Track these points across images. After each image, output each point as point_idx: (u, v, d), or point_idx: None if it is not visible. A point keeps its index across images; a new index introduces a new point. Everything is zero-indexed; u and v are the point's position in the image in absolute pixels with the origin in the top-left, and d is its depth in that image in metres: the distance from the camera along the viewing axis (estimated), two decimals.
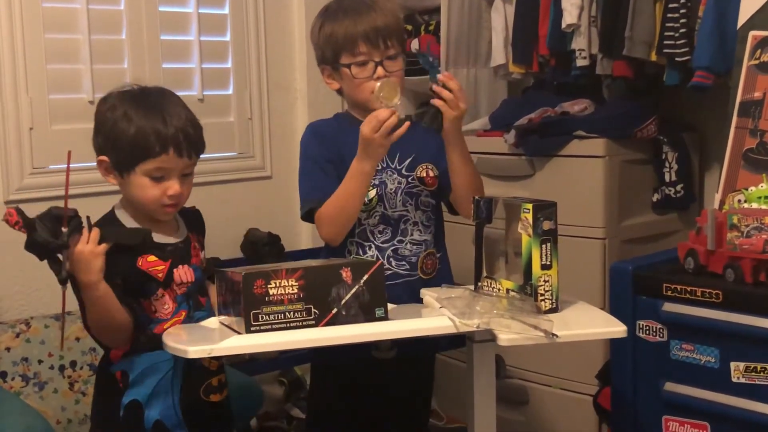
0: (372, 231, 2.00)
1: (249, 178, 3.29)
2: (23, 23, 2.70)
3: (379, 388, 2.06)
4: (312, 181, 2.01)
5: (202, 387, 1.85)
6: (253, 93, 3.30)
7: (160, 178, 1.81)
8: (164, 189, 1.81)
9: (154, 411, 1.82)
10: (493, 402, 1.82)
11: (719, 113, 2.38)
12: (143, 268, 1.81)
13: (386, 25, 1.97)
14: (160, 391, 1.82)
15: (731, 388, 1.97)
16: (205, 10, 3.16)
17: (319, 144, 2.03)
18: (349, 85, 2.00)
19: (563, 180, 2.70)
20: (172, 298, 1.85)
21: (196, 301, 1.89)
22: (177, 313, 1.85)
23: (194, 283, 1.88)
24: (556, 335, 1.60)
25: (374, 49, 1.96)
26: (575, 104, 2.79)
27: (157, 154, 1.78)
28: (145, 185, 1.80)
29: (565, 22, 2.69)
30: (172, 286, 1.85)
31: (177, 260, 1.86)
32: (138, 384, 1.83)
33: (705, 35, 2.41)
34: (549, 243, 1.74)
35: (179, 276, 1.86)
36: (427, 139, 2.04)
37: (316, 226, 2.00)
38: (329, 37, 1.99)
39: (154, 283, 1.83)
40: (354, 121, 2.04)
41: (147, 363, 1.82)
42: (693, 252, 2.08)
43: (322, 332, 1.60)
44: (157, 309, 1.83)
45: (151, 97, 1.86)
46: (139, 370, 1.82)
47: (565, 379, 2.75)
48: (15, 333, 2.58)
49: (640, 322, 2.13)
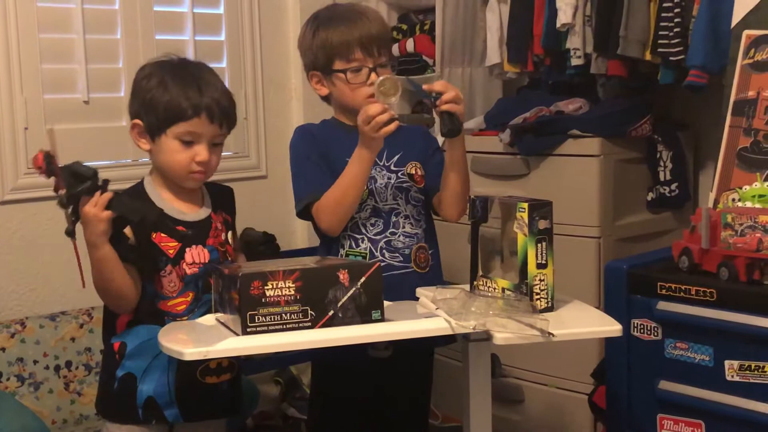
0: (364, 224, 2.02)
1: (244, 177, 3.28)
2: (18, 23, 2.69)
3: (379, 389, 2.06)
4: (306, 176, 2.02)
5: (199, 368, 1.84)
6: (249, 92, 3.30)
7: (189, 142, 1.83)
8: (193, 155, 1.83)
9: (148, 387, 1.83)
10: (488, 401, 1.83)
11: (713, 112, 2.38)
12: (156, 241, 1.82)
13: (379, 33, 2.01)
14: (155, 367, 1.82)
15: (725, 387, 1.98)
16: (199, 9, 3.16)
17: (309, 143, 2.05)
18: (343, 91, 2.02)
19: (558, 179, 2.71)
20: (179, 276, 1.84)
21: (207, 283, 1.86)
22: (183, 293, 1.84)
23: (207, 265, 1.87)
24: (552, 334, 1.61)
25: (368, 56, 1.99)
26: (570, 103, 2.80)
27: (189, 117, 1.81)
28: (175, 149, 1.82)
29: (560, 21, 2.70)
30: (182, 264, 1.84)
31: (191, 239, 1.86)
32: (135, 357, 1.83)
33: (699, 34, 2.42)
34: (544, 242, 1.74)
35: (191, 256, 1.85)
36: (413, 138, 2.09)
37: (315, 218, 2.00)
38: (324, 43, 2.00)
39: (164, 258, 1.83)
40: (342, 126, 2.06)
41: (146, 336, 1.82)
42: (687, 251, 2.08)
43: (319, 334, 1.60)
44: (164, 285, 1.83)
45: (189, 67, 1.89)
46: (137, 343, 1.83)
47: (561, 378, 2.75)
48: (10, 333, 2.58)
49: (634, 321, 2.13)
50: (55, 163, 1.70)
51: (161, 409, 1.83)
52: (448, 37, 3.15)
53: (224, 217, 1.96)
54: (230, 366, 1.89)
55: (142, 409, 1.83)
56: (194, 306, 1.85)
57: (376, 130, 1.85)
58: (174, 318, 1.84)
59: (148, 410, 1.83)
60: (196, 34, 3.14)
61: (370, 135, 1.86)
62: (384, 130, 1.86)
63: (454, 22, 3.15)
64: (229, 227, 1.97)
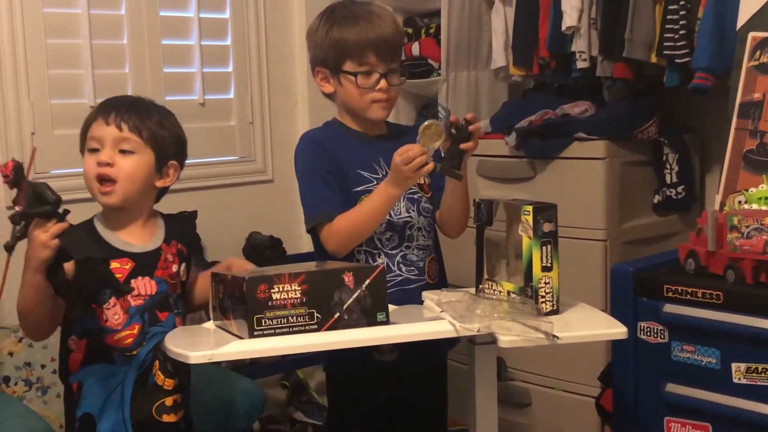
0: (380, 239, 1.99)
1: (250, 182, 3.29)
2: (24, 28, 2.71)
3: (395, 398, 2.04)
4: (316, 193, 1.98)
5: (154, 406, 1.83)
6: (254, 97, 3.30)
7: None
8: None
9: (106, 424, 1.82)
10: (494, 404, 1.83)
11: (719, 114, 2.38)
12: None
13: (394, 38, 1.98)
14: (110, 405, 1.82)
15: (732, 389, 1.97)
16: (205, 14, 3.16)
17: (319, 155, 2.00)
18: (350, 93, 1.99)
19: (564, 182, 2.71)
20: (123, 309, 1.82)
21: (153, 316, 1.84)
22: (129, 326, 1.82)
23: (154, 297, 1.85)
24: (557, 337, 1.61)
25: (381, 61, 1.96)
26: (576, 106, 2.79)
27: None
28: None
29: (565, 24, 2.70)
30: (126, 297, 1.82)
31: (137, 270, 1.84)
32: (89, 396, 1.82)
33: (704, 36, 2.42)
34: (549, 245, 1.74)
35: (137, 287, 1.83)
36: None
37: (323, 239, 1.96)
38: (337, 42, 1.96)
39: (107, 291, 1.80)
40: (346, 130, 2.04)
41: (98, 375, 1.81)
42: (694, 253, 2.08)
43: (325, 337, 1.61)
44: (108, 318, 1.81)
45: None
46: (91, 382, 1.82)
47: (567, 381, 2.75)
48: (17, 338, 2.59)
49: (641, 324, 2.13)
50: (23, 177, 1.67)
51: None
52: (453, 40, 3.15)
53: (178, 248, 1.93)
54: (183, 402, 1.89)
55: None
56: (142, 339, 1.83)
57: (414, 170, 1.83)
58: (122, 353, 1.82)
59: None
60: (202, 39, 3.15)
61: (406, 174, 1.84)
62: (419, 173, 1.84)
63: (459, 26, 3.15)
64: (183, 259, 1.94)
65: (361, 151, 2.00)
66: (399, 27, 2.04)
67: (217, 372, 2.59)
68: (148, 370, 1.83)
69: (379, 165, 2.01)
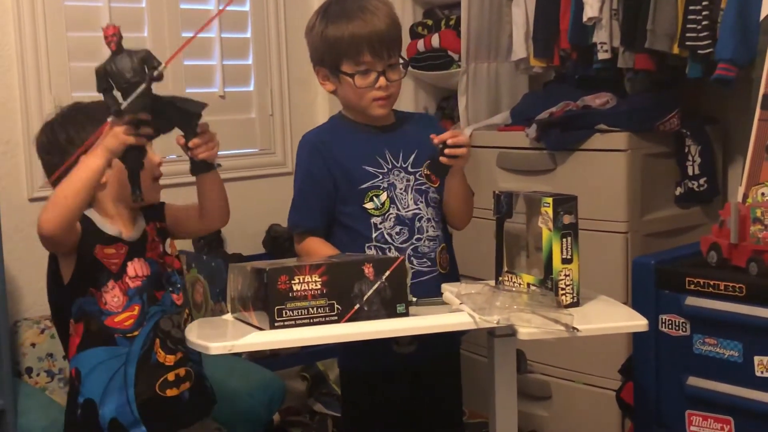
0: (389, 234, 1.99)
1: (270, 174, 3.30)
2: (46, 22, 2.72)
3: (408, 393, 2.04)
4: (300, 203, 2.06)
5: (157, 383, 1.84)
6: (274, 89, 3.31)
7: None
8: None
9: (109, 409, 1.82)
10: (514, 396, 1.82)
11: (742, 106, 2.36)
12: (98, 257, 1.82)
13: (389, 32, 1.94)
14: (113, 388, 1.82)
15: (755, 383, 1.96)
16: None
17: (313, 160, 2.02)
18: (350, 92, 1.98)
19: (585, 174, 2.69)
20: (122, 291, 1.84)
21: (151, 296, 1.87)
22: (129, 307, 1.84)
23: (149, 278, 1.88)
24: (577, 329, 1.60)
25: (378, 58, 1.93)
26: (597, 98, 2.78)
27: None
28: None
29: (586, 15, 2.68)
30: (124, 278, 1.84)
31: (132, 253, 1.87)
32: (90, 381, 1.82)
33: (727, 27, 2.39)
34: (570, 237, 1.73)
35: (134, 269, 1.86)
36: (425, 135, 1.98)
37: (297, 249, 2.06)
38: (332, 42, 1.94)
39: (106, 274, 1.82)
40: (351, 124, 2.03)
41: (98, 359, 1.82)
42: (716, 246, 2.06)
43: (345, 328, 1.61)
44: (107, 301, 1.83)
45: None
46: (91, 366, 1.82)
47: (588, 374, 2.74)
48: (40, 329, 2.61)
49: (662, 317, 2.12)
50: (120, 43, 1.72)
51: (127, 429, 1.82)
52: (473, 32, 3.14)
53: (157, 228, 1.95)
54: (188, 375, 1.89)
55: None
56: (142, 319, 1.85)
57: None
58: (123, 335, 1.83)
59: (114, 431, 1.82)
60: (222, 32, 3.15)
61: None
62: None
63: (479, 17, 3.14)
64: (165, 236, 1.96)
65: (365, 146, 1.99)
66: (394, 19, 1.98)
67: (237, 363, 2.60)
68: (149, 349, 1.84)
69: (384, 158, 2.00)
